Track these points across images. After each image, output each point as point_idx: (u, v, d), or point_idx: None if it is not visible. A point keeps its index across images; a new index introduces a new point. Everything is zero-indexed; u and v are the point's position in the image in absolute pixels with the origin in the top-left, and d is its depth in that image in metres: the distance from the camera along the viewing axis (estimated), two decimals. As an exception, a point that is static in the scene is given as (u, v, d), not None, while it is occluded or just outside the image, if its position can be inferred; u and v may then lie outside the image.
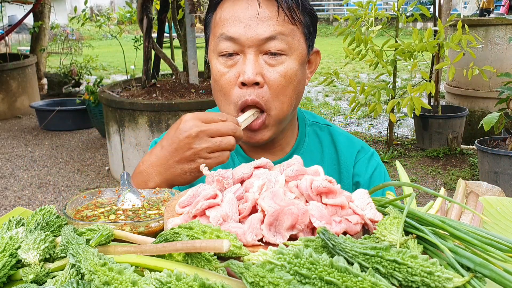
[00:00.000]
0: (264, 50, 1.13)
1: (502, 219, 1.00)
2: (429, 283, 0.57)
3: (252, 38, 1.12)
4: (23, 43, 16.46)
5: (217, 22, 1.17)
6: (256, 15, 1.11)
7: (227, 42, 1.13)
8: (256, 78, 1.11)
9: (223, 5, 1.17)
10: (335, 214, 0.75)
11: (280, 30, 1.12)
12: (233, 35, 1.12)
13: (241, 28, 1.12)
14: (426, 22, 14.88)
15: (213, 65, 1.18)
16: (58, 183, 5.27)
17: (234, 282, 0.61)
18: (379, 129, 6.94)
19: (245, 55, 1.13)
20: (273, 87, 1.14)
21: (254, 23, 1.11)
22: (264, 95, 1.14)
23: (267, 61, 1.13)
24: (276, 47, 1.12)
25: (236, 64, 1.15)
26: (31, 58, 8.61)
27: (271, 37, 1.12)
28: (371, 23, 4.75)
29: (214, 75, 1.18)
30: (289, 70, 1.14)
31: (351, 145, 1.35)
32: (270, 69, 1.13)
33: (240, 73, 1.13)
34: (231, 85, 1.15)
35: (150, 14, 5.20)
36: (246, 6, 1.13)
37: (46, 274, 0.72)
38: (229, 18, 1.13)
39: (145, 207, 0.94)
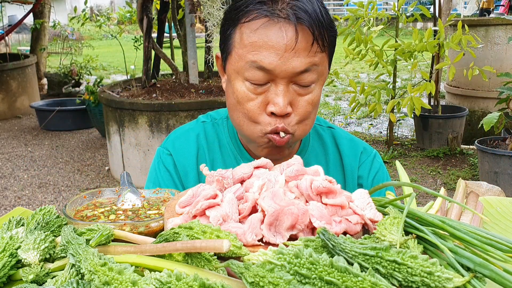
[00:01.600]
0: (295, 80, 1.08)
1: (502, 219, 1.00)
2: (429, 283, 0.57)
3: (287, 71, 1.05)
4: (23, 43, 16.45)
5: (245, 44, 1.07)
6: (293, 47, 1.04)
7: (259, 71, 1.06)
8: (287, 110, 1.08)
9: (250, 25, 1.07)
10: (335, 214, 0.75)
11: (314, 62, 1.07)
12: (267, 66, 1.05)
13: (276, 60, 1.04)
14: (426, 22, 14.88)
15: (238, 87, 1.11)
16: (58, 183, 5.27)
17: (234, 282, 0.61)
18: (379, 129, 6.94)
19: (276, 85, 1.07)
20: (300, 115, 1.11)
21: (290, 55, 1.04)
22: (291, 122, 1.11)
23: (296, 91, 1.09)
24: (308, 80, 1.08)
25: (265, 91, 1.09)
26: (31, 58, 8.61)
27: (306, 70, 1.07)
28: (372, 23, 4.75)
29: (239, 97, 1.11)
30: (315, 97, 1.12)
31: (354, 147, 1.33)
32: (299, 98, 1.10)
33: (271, 103, 1.08)
34: (259, 111, 1.10)
35: (150, 14, 5.20)
36: (280, 34, 1.04)
37: (46, 274, 0.72)
38: (262, 46, 1.05)
39: (145, 207, 0.94)
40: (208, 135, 1.31)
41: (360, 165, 1.32)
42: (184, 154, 1.30)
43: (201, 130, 1.32)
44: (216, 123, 1.33)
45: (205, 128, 1.32)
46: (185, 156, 1.29)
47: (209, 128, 1.32)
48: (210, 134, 1.31)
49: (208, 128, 1.32)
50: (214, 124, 1.33)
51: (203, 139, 1.31)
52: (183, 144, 1.31)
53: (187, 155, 1.29)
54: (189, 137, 1.32)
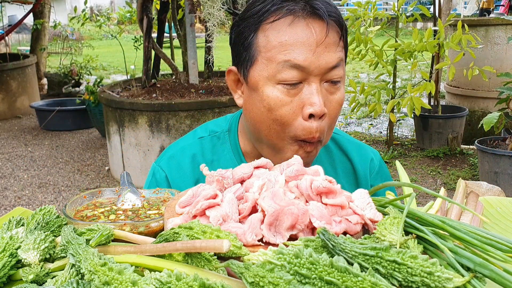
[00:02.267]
0: (326, 78, 1.05)
1: (502, 219, 1.00)
2: (429, 283, 0.57)
3: (321, 67, 1.03)
4: (23, 43, 16.45)
5: (274, 46, 1.04)
6: (323, 41, 1.02)
7: (293, 70, 1.03)
8: (325, 110, 1.04)
9: (275, 26, 1.04)
10: (335, 214, 0.75)
11: (341, 57, 1.06)
12: (302, 63, 1.02)
13: (310, 55, 1.02)
14: (426, 22, 14.88)
15: (269, 93, 1.06)
16: (58, 183, 5.27)
17: (234, 282, 0.61)
18: (379, 129, 6.94)
19: (310, 83, 1.04)
20: (331, 117, 1.08)
21: (321, 50, 1.03)
22: (324, 128, 1.07)
23: (328, 89, 1.07)
24: (338, 75, 1.06)
25: (299, 93, 1.05)
26: (31, 58, 8.61)
27: (336, 65, 1.05)
28: (370, 23, 4.75)
29: (271, 104, 1.06)
30: (342, 97, 1.09)
31: (364, 154, 1.31)
32: (330, 97, 1.07)
33: (307, 104, 1.04)
34: (294, 116, 1.05)
35: (150, 14, 5.20)
36: (309, 30, 1.03)
37: (46, 274, 0.72)
38: (293, 44, 1.02)
39: (145, 207, 0.94)
40: (205, 153, 1.25)
41: (371, 174, 1.30)
42: (180, 175, 1.24)
43: (198, 149, 1.26)
44: (215, 137, 1.27)
45: (203, 145, 1.26)
46: (181, 178, 1.24)
47: (207, 144, 1.26)
48: (208, 152, 1.26)
49: (206, 145, 1.26)
50: (213, 139, 1.27)
51: (200, 158, 1.25)
52: (179, 165, 1.25)
53: (183, 177, 1.24)
54: (184, 157, 1.26)
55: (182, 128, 4.59)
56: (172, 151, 1.29)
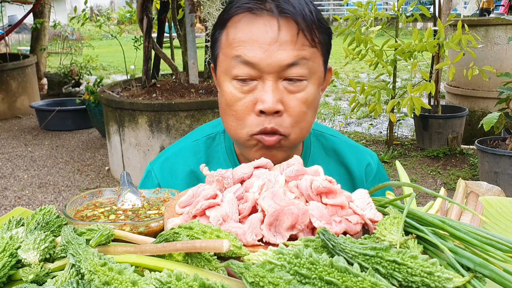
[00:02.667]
0: (284, 76, 1.05)
1: (502, 219, 1.00)
2: (429, 283, 0.57)
3: (272, 65, 1.03)
4: (23, 43, 16.45)
5: (230, 42, 1.06)
6: (276, 39, 1.02)
7: (244, 66, 1.04)
8: (277, 107, 1.04)
9: (236, 23, 1.07)
10: (335, 214, 0.75)
11: (302, 55, 1.04)
12: (252, 60, 1.03)
13: (260, 53, 1.03)
14: (426, 22, 14.88)
15: (225, 88, 1.09)
16: (58, 183, 5.27)
17: (234, 282, 0.61)
18: (379, 129, 6.94)
19: (264, 81, 1.05)
20: (293, 115, 1.07)
21: (275, 48, 1.02)
22: (284, 123, 1.06)
23: (287, 88, 1.06)
24: (297, 73, 1.05)
25: (253, 90, 1.06)
26: (31, 58, 8.61)
27: (293, 63, 1.04)
28: (371, 23, 4.75)
29: (227, 99, 1.09)
30: (309, 97, 1.08)
31: (361, 158, 1.30)
32: (290, 96, 1.06)
33: (259, 101, 1.05)
34: (248, 112, 1.07)
35: (150, 14, 5.20)
36: (264, 28, 1.03)
37: (46, 274, 0.72)
38: (246, 40, 1.04)
39: (145, 207, 0.94)
40: (200, 155, 1.26)
41: (368, 178, 1.29)
42: (172, 179, 1.25)
43: (191, 153, 1.27)
44: (210, 138, 1.28)
45: (197, 148, 1.27)
46: (173, 181, 1.24)
47: (201, 146, 1.27)
48: (202, 154, 1.26)
49: (200, 147, 1.27)
50: (207, 140, 1.28)
51: (193, 161, 1.25)
52: (172, 169, 1.26)
53: (175, 181, 1.25)
54: (178, 160, 1.27)
55: (182, 128, 4.59)
56: (167, 154, 1.31)
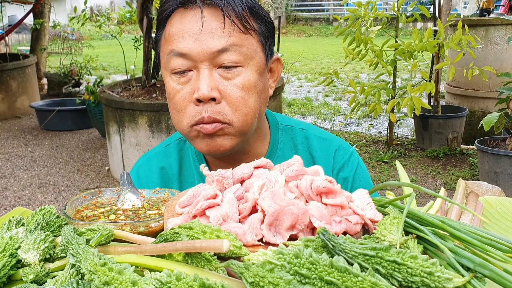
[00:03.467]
0: (217, 63, 1.07)
1: (502, 219, 1.00)
2: (429, 283, 0.57)
3: (203, 52, 1.05)
4: (23, 43, 16.45)
5: (166, 39, 1.11)
6: (206, 28, 1.05)
7: (178, 58, 1.08)
8: (212, 94, 1.05)
9: (171, 20, 1.11)
10: (335, 214, 0.75)
11: (233, 41, 1.06)
12: (183, 51, 1.06)
13: (190, 43, 1.06)
14: (426, 22, 14.88)
15: (167, 83, 1.13)
16: (58, 183, 5.27)
17: (234, 282, 0.61)
18: (379, 129, 6.94)
19: (199, 70, 1.07)
20: (232, 101, 1.08)
21: (204, 36, 1.05)
22: (223, 110, 1.07)
23: (222, 75, 1.07)
24: (230, 60, 1.06)
25: (190, 80, 1.09)
26: (31, 58, 8.61)
27: (224, 49, 1.05)
28: (371, 23, 4.75)
29: (168, 93, 1.13)
30: (246, 82, 1.08)
31: (327, 147, 1.28)
32: (226, 82, 1.07)
33: (195, 90, 1.07)
34: (186, 102, 1.09)
35: (150, 14, 5.20)
36: (193, 19, 1.07)
37: (46, 274, 0.72)
38: (178, 33, 1.07)
39: (145, 207, 0.94)
40: (172, 160, 1.29)
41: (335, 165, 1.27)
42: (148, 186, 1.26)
43: (164, 157, 1.30)
44: (182, 141, 1.31)
45: (169, 152, 1.30)
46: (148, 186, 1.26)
47: (173, 150, 1.30)
48: (174, 158, 1.29)
49: (172, 151, 1.30)
50: (179, 143, 1.31)
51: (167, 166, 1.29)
52: (146, 175, 1.30)
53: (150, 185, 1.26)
54: (151, 166, 1.30)
55: (182, 128, 4.59)
56: (140, 162, 1.34)
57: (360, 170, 1.28)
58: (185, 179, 1.28)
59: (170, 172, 1.29)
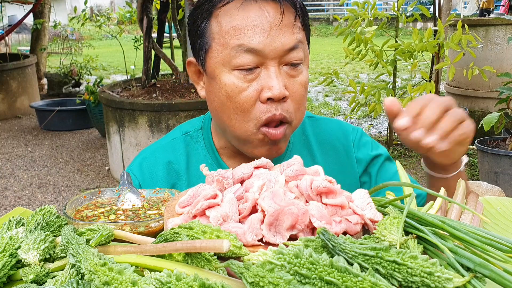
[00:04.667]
0: (285, 61, 1.04)
1: (502, 219, 1.00)
2: (429, 283, 0.57)
3: (277, 49, 1.01)
4: (23, 43, 16.45)
5: (227, 31, 1.02)
6: (278, 23, 1.01)
7: (247, 54, 1.01)
8: (285, 92, 1.02)
9: (228, 11, 1.03)
10: (335, 214, 0.75)
11: (299, 38, 1.04)
12: (256, 47, 1.00)
13: (264, 38, 1.00)
14: (426, 22, 14.88)
15: (225, 80, 1.04)
16: (58, 183, 5.27)
17: (234, 282, 0.61)
18: (379, 129, 6.94)
19: (267, 67, 1.02)
20: (296, 99, 1.06)
21: (276, 32, 1.01)
22: (289, 108, 1.05)
23: (288, 72, 1.05)
24: (297, 58, 1.04)
25: (257, 77, 1.03)
26: (31, 58, 8.61)
27: (294, 47, 1.03)
28: (368, 23, 4.74)
29: (228, 91, 1.04)
30: (306, 79, 1.08)
31: (341, 127, 1.30)
32: (292, 80, 1.05)
33: (265, 88, 1.02)
34: (253, 101, 1.04)
35: (150, 14, 5.20)
36: (261, 12, 1.01)
37: (46, 274, 0.72)
38: (246, 27, 1.01)
39: (145, 207, 0.94)
40: (178, 154, 1.24)
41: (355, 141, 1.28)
42: (152, 178, 1.22)
43: (170, 151, 1.24)
44: (188, 136, 1.25)
45: (175, 146, 1.25)
46: (153, 181, 1.21)
47: (179, 144, 1.25)
48: (182, 152, 1.24)
49: (178, 145, 1.25)
50: (186, 138, 1.25)
51: (173, 156, 1.23)
52: (151, 168, 1.23)
53: (156, 180, 1.22)
54: (157, 159, 1.24)
55: (182, 128, 4.59)
56: (144, 154, 1.28)
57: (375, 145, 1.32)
58: (194, 174, 1.23)
59: (177, 167, 1.23)
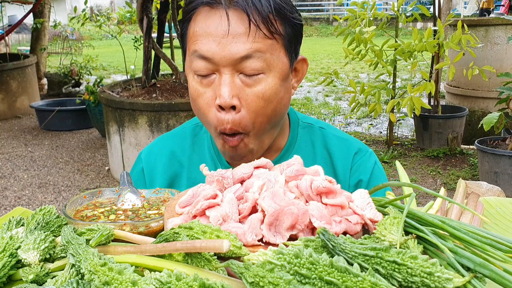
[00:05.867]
0: (240, 69, 1.04)
1: (502, 219, 1.00)
2: (429, 283, 0.57)
3: (226, 58, 1.02)
4: (23, 43, 16.45)
5: (191, 37, 1.08)
6: (232, 31, 1.02)
7: (201, 61, 1.05)
8: (233, 102, 1.03)
9: (196, 17, 1.07)
10: (335, 214, 0.75)
11: (256, 47, 1.02)
12: (206, 54, 1.03)
13: (214, 46, 1.02)
14: (426, 22, 14.89)
15: (190, 82, 1.11)
16: (58, 183, 5.27)
17: (234, 282, 0.61)
18: (379, 129, 6.94)
19: (221, 75, 1.04)
20: (251, 110, 1.05)
21: (228, 41, 1.02)
22: (242, 121, 1.05)
23: (244, 81, 1.05)
24: (252, 67, 1.03)
25: (212, 83, 1.06)
26: (31, 58, 8.61)
27: (247, 56, 1.02)
28: (367, 23, 4.74)
29: (191, 93, 1.11)
30: (267, 90, 1.05)
31: (347, 148, 1.28)
32: (247, 90, 1.05)
33: (217, 95, 1.05)
34: (209, 106, 1.07)
35: (150, 14, 5.20)
36: (218, 21, 1.03)
37: (46, 274, 0.72)
38: (202, 34, 1.04)
39: (145, 207, 0.94)
40: (185, 143, 1.29)
41: (353, 165, 1.27)
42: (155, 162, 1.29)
43: (178, 137, 1.31)
44: (198, 127, 1.30)
45: (184, 135, 1.31)
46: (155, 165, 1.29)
47: (188, 134, 1.30)
48: (188, 141, 1.29)
49: (187, 135, 1.30)
50: (195, 128, 1.30)
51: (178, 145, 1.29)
52: (157, 153, 1.31)
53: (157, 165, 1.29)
54: (164, 145, 1.31)
55: (182, 128, 4.59)
56: (156, 140, 1.35)
57: (377, 171, 1.28)
58: (196, 165, 1.26)
59: (180, 156, 1.28)
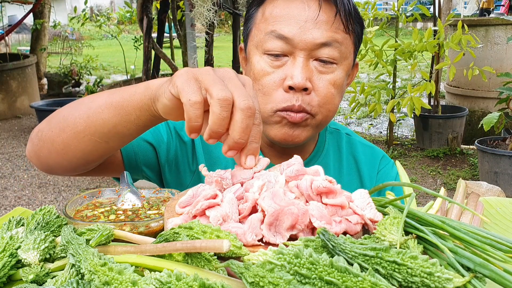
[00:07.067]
0: (315, 55, 1.06)
1: (502, 219, 1.00)
2: (429, 283, 0.57)
3: (306, 41, 1.05)
4: (23, 43, 16.45)
5: (267, 18, 1.09)
6: (315, 18, 1.04)
7: (277, 40, 1.06)
8: (306, 83, 1.04)
9: (274, 1, 1.09)
10: (335, 214, 0.75)
11: (336, 37, 1.06)
12: (286, 35, 1.05)
13: (295, 29, 1.05)
14: (426, 22, 14.88)
15: (255, 62, 1.10)
16: (58, 183, 5.27)
17: (234, 282, 0.61)
18: (379, 129, 6.94)
19: (295, 57, 1.06)
20: (321, 95, 1.08)
21: (311, 26, 1.05)
22: (312, 101, 1.07)
23: (317, 68, 1.07)
24: (329, 55, 1.06)
25: (283, 65, 1.07)
26: (31, 58, 8.61)
27: (326, 43, 1.06)
28: (369, 23, 4.74)
29: (255, 73, 1.10)
30: (337, 80, 1.09)
31: (372, 155, 1.31)
32: (320, 75, 1.07)
33: (288, 76, 1.05)
34: (275, 87, 1.07)
35: (150, 14, 5.20)
36: (303, 6, 1.06)
37: (46, 274, 0.72)
38: (283, 16, 1.06)
39: (145, 207, 0.94)
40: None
41: (380, 170, 1.29)
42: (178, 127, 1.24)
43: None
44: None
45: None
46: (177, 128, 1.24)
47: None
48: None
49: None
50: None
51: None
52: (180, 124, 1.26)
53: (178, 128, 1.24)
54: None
55: (182, 128, 4.59)
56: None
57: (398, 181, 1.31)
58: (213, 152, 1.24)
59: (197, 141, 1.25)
